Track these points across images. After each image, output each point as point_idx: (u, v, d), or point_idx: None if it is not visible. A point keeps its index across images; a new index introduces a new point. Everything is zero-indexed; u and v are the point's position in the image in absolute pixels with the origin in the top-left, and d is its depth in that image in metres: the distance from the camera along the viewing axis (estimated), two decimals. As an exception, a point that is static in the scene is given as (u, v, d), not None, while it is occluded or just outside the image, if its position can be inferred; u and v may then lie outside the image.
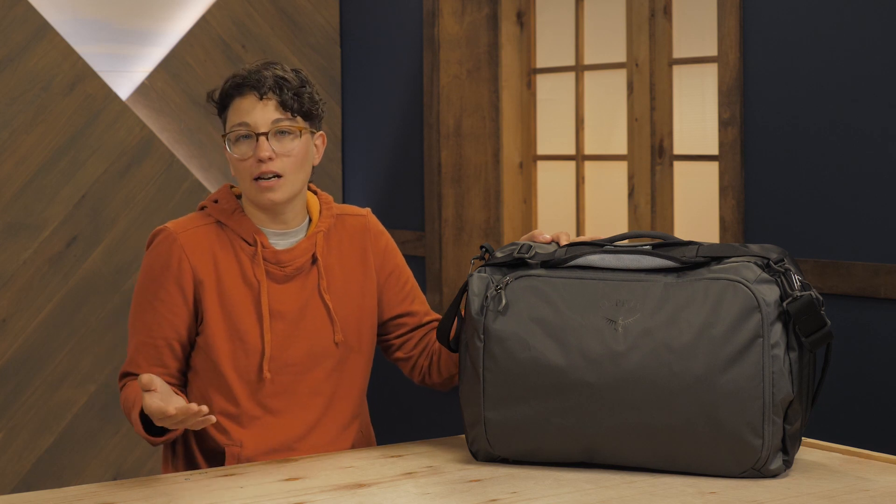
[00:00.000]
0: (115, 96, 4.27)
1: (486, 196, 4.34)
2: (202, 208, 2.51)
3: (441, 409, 4.29)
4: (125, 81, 4.38)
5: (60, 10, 4.26)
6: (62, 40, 4.18)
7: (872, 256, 3.11)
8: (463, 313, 2.31)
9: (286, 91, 2.43)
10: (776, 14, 3.29)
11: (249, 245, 2.45)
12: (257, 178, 2.41)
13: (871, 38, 3.10)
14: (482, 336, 2.23)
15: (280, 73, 2.45)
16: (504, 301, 2.22)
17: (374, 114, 4.58)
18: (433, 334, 2.58)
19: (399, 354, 2.60)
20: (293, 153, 2.43)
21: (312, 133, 2.47)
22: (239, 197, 2.52)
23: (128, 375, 2.47)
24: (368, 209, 2.62)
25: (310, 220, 2.52)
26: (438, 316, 2.64)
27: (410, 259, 4.38)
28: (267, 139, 2.41)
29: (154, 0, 4.44)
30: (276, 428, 2.45)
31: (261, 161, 2.40)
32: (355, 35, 4.65)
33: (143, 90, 4.39)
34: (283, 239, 2.48)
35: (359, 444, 2.56)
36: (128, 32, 4.39)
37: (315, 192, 2.55)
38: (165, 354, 2.44)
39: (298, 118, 2.44)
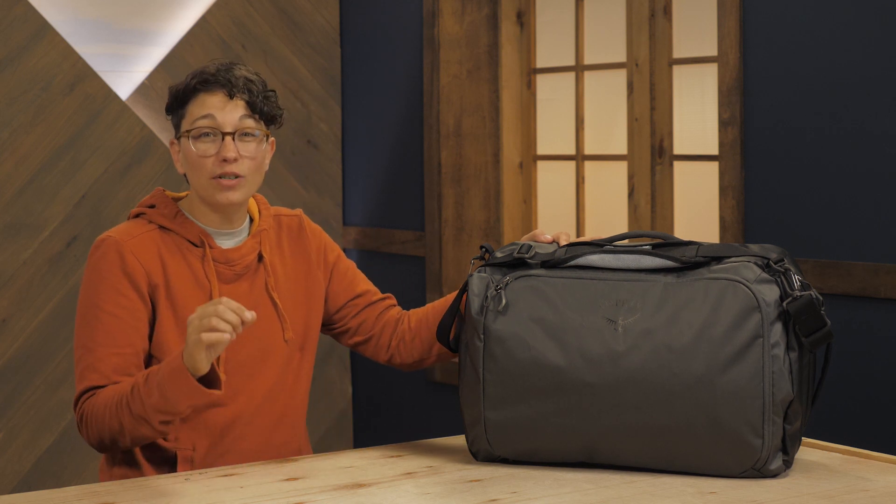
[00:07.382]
0: (115, 96, 4.27)
1: (486, 196, 4.34)
2: (137, 215, 2.46)
3: (441, 409, 4.29)
4: (125, 81, 4.38)
5: (60, 10, 4.25)
6: (62, 40, 4.18)
7: (872, 256, 3.11)
8: (463, 313, 2.31)
9: (255, 93, 2.43)
10: (776, 14, 3.29)
11: (196, 247, 2.43)
12: (217, 178, 2.40)
13: (871, 39, 3.10)
14: (482, 336, 2.23)
15: (247, 74, 2.45)
16: (504, 301, 2.22)
17: (374, 114, 4.58)
18: (392, 312, 2.58)
19: (358, 338, 2.58)
20: (255, 156, 2.43)
21: (267, 137, 2.48)
22: (177, 200, 2.50)
23: (92, 390, 2.35)
24: (300, 209, 2.63)
25: (250, 220, 2.52)
26: (389, 295, 2.64)
27: (410, 259, 4.38)
28: (233, 140, 2.41)
29: (154, 0, 4.44)
30: (213, 417, 2.40)
31: (225, 161, 2.39)
32: (355, 35, 4.65)
33: (143, 90, 4.39)
34: (228, 239, 2.47)
35: (304, 444, 2.55)
36: (128, 32, 4.39)
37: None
38: (132, 363, 2.37)
39: (262, 122, 2.45)
